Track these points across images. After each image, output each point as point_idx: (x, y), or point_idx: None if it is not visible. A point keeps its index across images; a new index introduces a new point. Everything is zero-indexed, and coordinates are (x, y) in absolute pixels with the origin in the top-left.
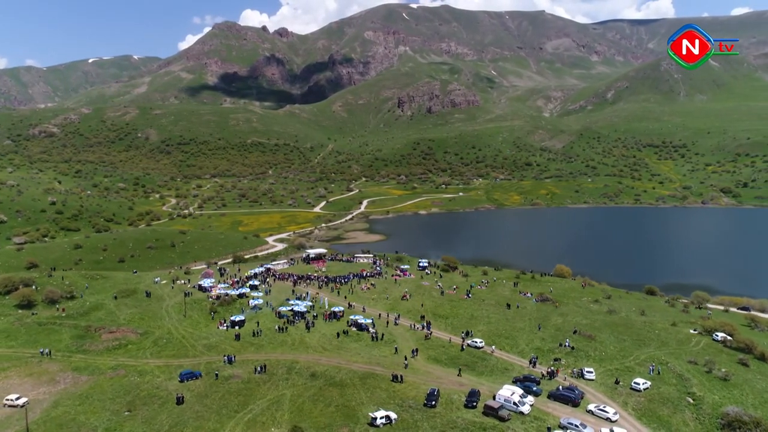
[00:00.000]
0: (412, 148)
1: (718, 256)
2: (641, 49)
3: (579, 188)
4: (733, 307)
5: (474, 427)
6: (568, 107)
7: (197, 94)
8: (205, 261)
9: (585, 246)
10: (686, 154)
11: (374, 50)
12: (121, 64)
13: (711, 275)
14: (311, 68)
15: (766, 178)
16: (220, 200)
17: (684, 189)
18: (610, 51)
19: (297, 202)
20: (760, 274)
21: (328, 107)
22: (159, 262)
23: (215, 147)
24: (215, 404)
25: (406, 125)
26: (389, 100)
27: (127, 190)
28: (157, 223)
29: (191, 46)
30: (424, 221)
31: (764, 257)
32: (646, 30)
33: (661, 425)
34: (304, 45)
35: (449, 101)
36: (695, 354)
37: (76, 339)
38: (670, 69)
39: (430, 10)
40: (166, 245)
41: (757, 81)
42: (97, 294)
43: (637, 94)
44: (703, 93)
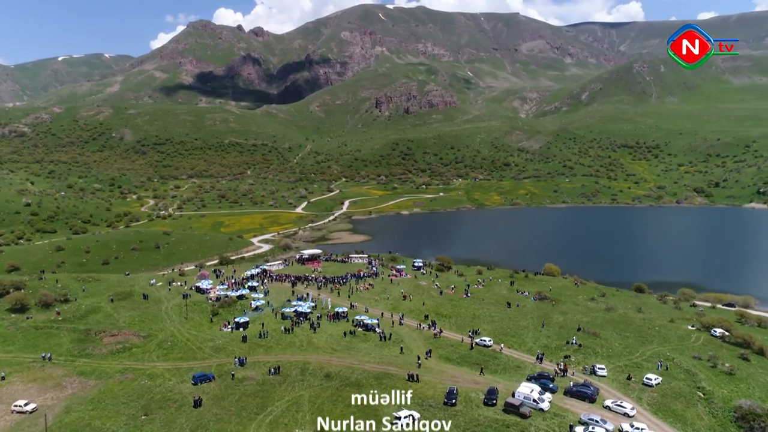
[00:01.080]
0: (392, 149)
1: (697, 254)
2: (613, 52)
3: (557, 188)
4: (718, 303)
5: (497, 425)
6: (543, 108)
7: (172, 94)
8: (191, 262)
9: (568, 245)
10: (659, 155)
11: (351, 50)
12: (92, 63)
13: (692, 273)
14: (288, 68)
15: (737, 178)
16: (199, 201)
17: (659, 189)
18: (583, 53)
19: (278, 202)
20: (738, 271)
21: (305, 107)
22: (144, 264)
23: (192, 147)
24: (233, 406)
25: (384, 126)
26: (367, 101)
27: (103, 191)
28: (136, 224)
29: (165, 44)
30: (407, 221)
31: (740, 254)
32: (617, 33)
33: (676, 419)
34: (280, 45)
35: (427, 102)
36: (696, 350)
37: (76, 343)
38: (641, 71)
39: (406, 11)
40: (151, 247)
41: (725, 84)
42: (92, 297)
43: (611, 96)
44: (673, 95)
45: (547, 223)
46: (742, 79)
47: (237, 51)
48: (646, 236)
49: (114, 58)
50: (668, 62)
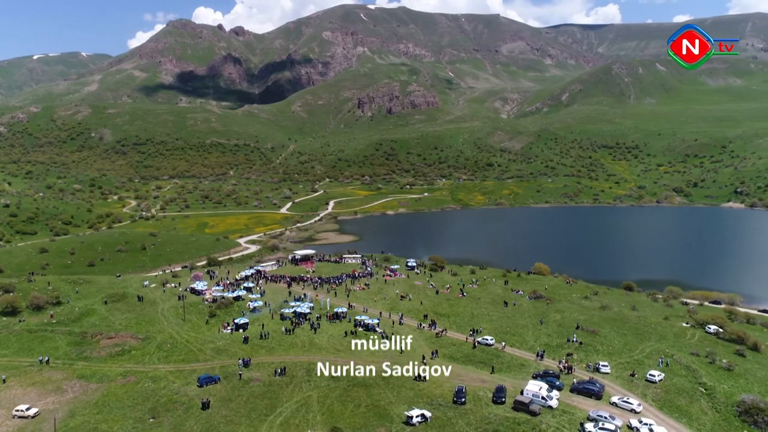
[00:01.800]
0: (375, 149)
1: (680, 253)
2: (592, 53)
3: (540, 188)
4: (705, 301)
5: (508, 422)
6: (524, 109)
7: (152, 93)
8: (178, 264)
9: (554, 244)
10: (639, 155)
11: (333, 50)
12: (69, 62)
13: (676, 271)
14: (269, 68)
15: (714, 178)
16: (182, 201)
17: (639, 189)
18: (563, 54)
19: (262, 203)
20: (720, 269)
21: (287, 107)
22: (130, 266)
23: (173, 147)
24: (242, 408)
25: (366, 126)
26: (349, 101)
27: (83, 192)
28: (118, 225)
29: (144, 43)
30: (393, 221)
31: (721, 253)
32: (596, 35)
33: (682, 415)
34: (261, 44)
35: (409, 102)
36: (693, 346)
37: (73, 346)
38: (620, 73)
39: (388, 11)
40: (137, 248)
41: (702, 85)
42: (85, 299)
43: (590, 97)
44: (652, 96)
45: (532, 223)
46: (717, 81)
47: (218, 50)
48: (630, 235)
49: (91, 57)
50: (646, 64)
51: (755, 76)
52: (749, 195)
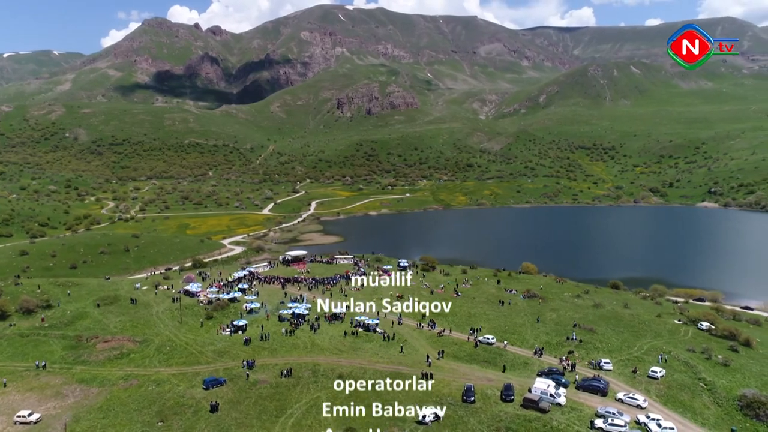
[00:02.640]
0: (356, 150)
1: (660, 252)
2: (567, 56)
3: (520, 188)
4: (689, 298)
5: (519, 420)
6: (503, 110)
7: (128, 93)
8: (162, 265)
9: (539, 244)
10: (615, 156)
11: (311, 51)
12: (40, 60)
13: (658, 269)
14: (247, 68)
15: (689, 179)
16: (162, 203)
17: (616, 189)
18: (539, 57)
19: (244, 204)
20: (699, 267)
21: (266, 107)
22: (114, 268)
23: (150, 148)
24: (252, 410)
25: (346, 126)
26: (328, 101)
27: (59, 193)
28: (97, 227)
29: (119, 42)
30: (376, 222)
31: (699, 252)
32: (571, 37)
33: (686, 410)
34: (239, 44)
35: (388, 103)
36: (688, 343)
37: (69, 350)
38: (596, 75)
39: (366, 12)
40: (120, 250)
41: (674, 88)
42: (76, 302)
43: (567, 99)
44: (626, 98)
45: (515, 223)
46: (689, 83)
47: (194, 50)
48: (611, 235)
49: (64, 56)
50: (621, 66)
51: (726, 79)
52: (723, 195)
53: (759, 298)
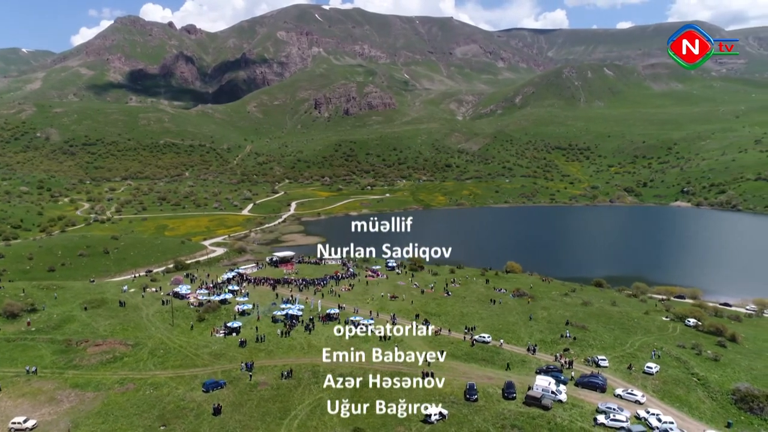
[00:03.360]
0: (334, 150)
1: (638, 250)
2: (542, 57)
3: (498, 189)
4: (670, 295)
5: (523, 417)
6: (479, 111)
7: (101, 92)
8: (143, 267)
9: (520, 243)
10: (590, 156)
11: (288, 50)
12: (8, 58)
13: (637, 267)
14: (223, 67)
15: (662, 179)
16: (138, 204)
17: (592, 189)
18: (515, 58)
19: (222, 204)
20: (677, 264)
21: (242, 107)
22: (93, 270)
23: (125, 148)
24: (255, 412)
25: (323, 127)
26: (305, 102)
27: (31, 194)
28: (72, 229)
29: (90, 40)
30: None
31: (676, 249)
32: (545, 39)
33: (682, 404)
34: (214, 43)
35: (366, 103)
36: (677, 339)
37: (59, 354)
38: (570, 76)
39: (342, 12)
40: (99, 252)
41: (646, 89)
42: (61, 305)
43: (543, 100)
44: (600, 100)
45: (495, 223)
46: (660, 85)
47: (169, 49)
48: (590, 234)
49: (33, 54)
50: (594, 68)
51: (695, 81)
52: (695, 194)
53: (735, 294)
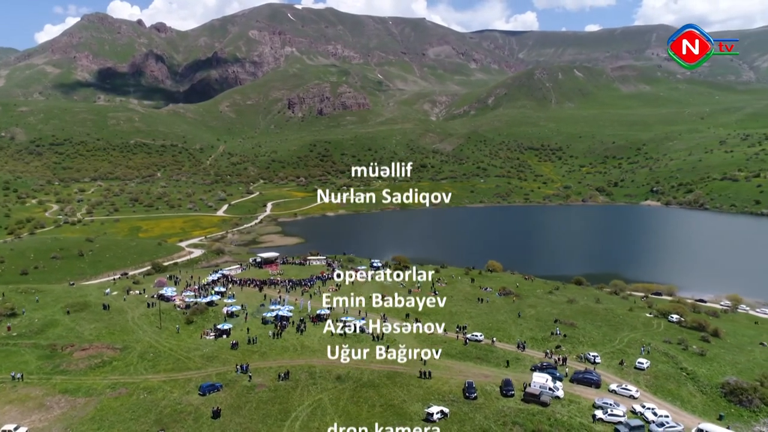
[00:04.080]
0: (309, 150)
1: (613, 248)
2: (513, 59)
3: (473, 188)
4: (647, 292)
5: (523, 414)
6: (453, 112)
7: (69, 91)
8: (119, 270)
9: (499, 243)
10: (562, 157)
11: (260, 50)
12: None
13: (613, 265)
14: (194, 66)
15: (632, 178)
16: (110, 205)
17: (565, 188)
18: (487, 59)
19: (197, 205)
20: (650, 262)
21: (214, 107)
22: (68, 273)
23: (94, 148)
24: (254, 415)
25: (297, 127)
26: (279, 101)
27: None
28: (41, 231)
29: (57, 37)
30: (335, 222)
31: (648, 247)
32: (516, 41)
33: (675, 398)
34: (185, 41)
35: (340, 103)
36: (662, 335)
37: (44, 359)
38: (542, 78)
39: (315, 11)
40: (73, 254)
41: (615, 91)
42: (42, 309)
43: (515, 101)
44: (571, 101)
45: (472, 223)
46: (629, 87)
47: (138, 47)
48: (565, 233)
49: None
50: (565, 70)
51: (662, 83)
52: (664, 194)
53: (709, 291)
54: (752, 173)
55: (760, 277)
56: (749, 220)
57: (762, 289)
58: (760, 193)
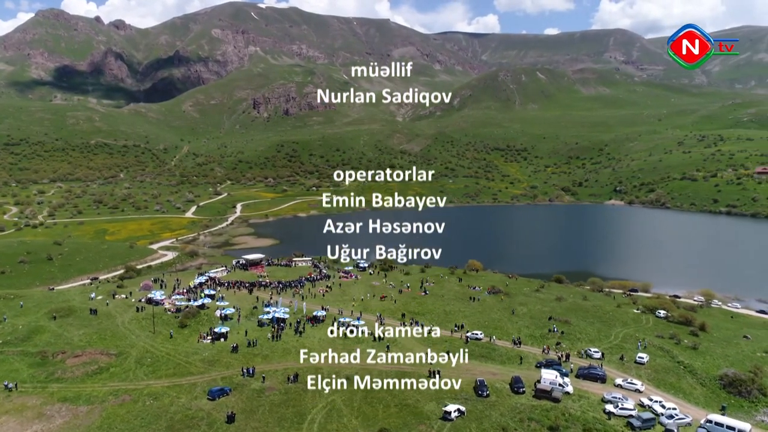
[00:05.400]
0: (276, 150)
1: (584, 247)
2: (477, 60)
3: (443, 189)
4: (624, 289)
5: (538, 410)
6: (419, 113)
7: (23, 89)
8: (90, 274)
9: (474, 242)
10: (528, 157)
11: (223, 49)
12: None
13: (585, 263)
14: (155, 65)
15: (596, 178)
16: (73, 207)
17: (532, 188)
18: (451, 61)
19: (164, 207)
20: (621, 259)
21: (177, 107)
22: (38, 278)
23: (53, 148)
24: (269, 418)
25: (263, 127)
26: (243, 101)
27: None
28: (1, 234)
29: (9, 33)
30: (307, 223)
31: (618, 245)
32: (479, 42)
33: (677, 391)
34: (145, 39)
35: (306, 104)
36: (652, 330)
37: (36, 367)
38: (506, 80)
39: (279, 11)
40: (42, 258)
41: (576, 93)
42: (25, 315)
43: (480, 102)
44: (534, 102)
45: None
46: (589, 89)
47: (96, 44)
48: (536, 232)
49: None
50: (528, 72)
51: (620, 85)
52: (627, 193)
53: (681, 287)
54: (710, 173)
55: (724, 272)
56: (708, 219)
57: (728, 284)
58: (717, 192)
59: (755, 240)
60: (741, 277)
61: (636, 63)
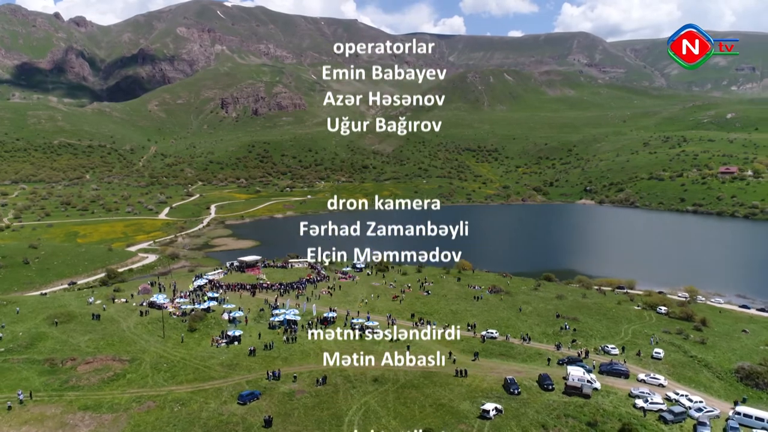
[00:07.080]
0: (248, 151)
1: (565, 246)
2: (444, 62)
3: (417, 189)
4: (611, 287)
5: (571, 407)
6: (389, 113)
7: None
8: (69, 278)
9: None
10: (499, 158)
11: (189, 47)
12: None
13: (569, 262)
14: (118, 63)
15: (567, 178)
16: (40, 209)
17: (504, 188)
18: (419, 62)
19: (136, 208)
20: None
21: (142, 106)
22: (15, 283)
23: (13, 149)
24: (307, 421)
25: (232, 127)
26: (211, 101)
27: None
28: None
29: None
30: (285, 224)
31: (596, 244)
32: (446, 44)
33: (697, 384)
34: (107, 37)
35: (276, 104)
36: (657, 326)
37: (47, 375)
38: (474, 81)
39: (245, 10)
40: (18, 262)
41: (542, 95)
42: (23, 322)
43: (449, 103)
44: (502, 103)
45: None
46: (555, 91)
47: (56, 42)
48: (515, 232)
49: None
50: (496, 74)
51: (585, 87)
52: (597, 193)
53: (664, 284)
54: (675, 173)
55: (700, 270)
56: (676, 217)
57: (705, 280)
58: (684, 191)
59: (722, 238)
60: (716, 273)
61: (599, 65)
